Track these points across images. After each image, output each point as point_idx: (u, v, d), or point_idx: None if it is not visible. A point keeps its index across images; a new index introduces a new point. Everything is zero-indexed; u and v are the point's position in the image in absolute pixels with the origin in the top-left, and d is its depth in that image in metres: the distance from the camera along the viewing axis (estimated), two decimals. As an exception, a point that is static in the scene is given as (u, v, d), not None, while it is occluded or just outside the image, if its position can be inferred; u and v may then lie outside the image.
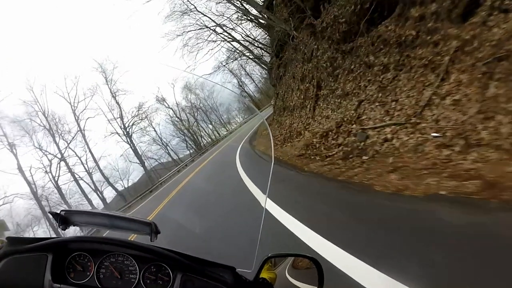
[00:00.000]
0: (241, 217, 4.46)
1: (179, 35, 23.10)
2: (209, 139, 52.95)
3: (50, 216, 1.08)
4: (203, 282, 0.77)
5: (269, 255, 0.85)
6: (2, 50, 47.19)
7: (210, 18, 22.18)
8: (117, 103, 38.77)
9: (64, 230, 0.89)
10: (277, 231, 2.97)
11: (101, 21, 69.24)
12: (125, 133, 38.90)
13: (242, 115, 60.32)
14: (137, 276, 0.81)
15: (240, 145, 15.11)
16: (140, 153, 40.07)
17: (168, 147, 48.33)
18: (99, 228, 0.95)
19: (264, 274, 0.87)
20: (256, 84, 59.74)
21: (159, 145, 45.14)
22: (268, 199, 3.75)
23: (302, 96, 10.20)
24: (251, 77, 63.10)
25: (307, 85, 9.82)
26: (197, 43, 24.16)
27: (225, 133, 46.95)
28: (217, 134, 54.23)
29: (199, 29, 22.42)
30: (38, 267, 0.78)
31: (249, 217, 4.07)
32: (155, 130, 45.67)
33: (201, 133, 55.32)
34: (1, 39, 48.37)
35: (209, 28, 22.83)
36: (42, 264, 0.79)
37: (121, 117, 38.77)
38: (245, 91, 63.40)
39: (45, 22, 57.65)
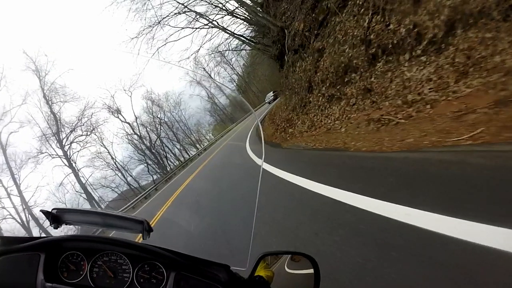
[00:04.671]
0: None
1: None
2: (177, 161, 44.36)
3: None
4: (197, 281, 0.74)
5: (264, 253, 0.81)
6: None
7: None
8: (53, 113, 29.08)
9: (56, 228, 0.81)
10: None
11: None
12: (64, 154, 29.02)
13: (214, 132, 52.55)
14: (131, 275, 0.78)
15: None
16: (84, 181, 30.13)
17: (126, 172, 38.78)
18: (91, 227, 0.86)
19: (261, 273, 0.84)
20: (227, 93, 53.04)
21: (112, 169, 35.54)
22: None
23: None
24: (221, 90, 56.67)
25: None
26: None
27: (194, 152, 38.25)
28: (186, 155, 45.74)
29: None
30: (31, 266, 0.76)
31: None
32: (108, 151, 36.17)
33: (167, 154, 46.51)
34: None
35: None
36: (35, 264, 0.76)
37: (58, 133, 28.95)
38: (215, 104, 56.39)
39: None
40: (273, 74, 48.38)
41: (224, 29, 17.30)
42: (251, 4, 14.30)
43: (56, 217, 0.79)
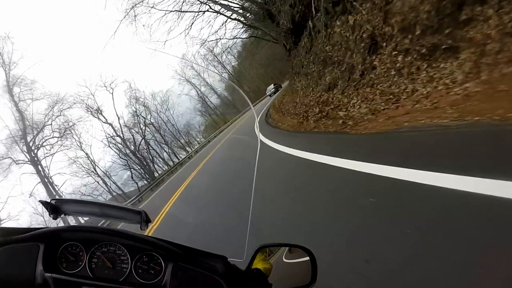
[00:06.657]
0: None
1: None
2: (166, 166, 40.86)
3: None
4: (194, 272, 0.74)
5: (261, 245, 0.83)
6: None
7: None
8: (20, 112, 25.24)
9: (55, 219, 0.80)
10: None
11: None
12: (32, 158, 25.19)
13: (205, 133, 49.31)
14: (129, 266, 0.77)
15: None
16: (55, 190, 26.33)
17: (108, 179, 35.08)
18: (90, 217, 0.85)
19: (259, 265, 0.85)
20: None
21: (91, 175, 31.80)
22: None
23: None
24: (214, 90, 53.84)
25: None
26: None
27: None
28: (175, 159, 42.30)
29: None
30: (30, 257, 0.74)
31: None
32: (87, 155, 32.48)
33: (154, 158, 42.95)
34: None
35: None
36: (34, 254, 0.74)
37: (24, 135, 25.09)
38: (206, 103, 53.31)
39: None
40: (266, 72, 46.08)
41: (216, 5, 14.37)
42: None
43: (55, 207, 0.77)
